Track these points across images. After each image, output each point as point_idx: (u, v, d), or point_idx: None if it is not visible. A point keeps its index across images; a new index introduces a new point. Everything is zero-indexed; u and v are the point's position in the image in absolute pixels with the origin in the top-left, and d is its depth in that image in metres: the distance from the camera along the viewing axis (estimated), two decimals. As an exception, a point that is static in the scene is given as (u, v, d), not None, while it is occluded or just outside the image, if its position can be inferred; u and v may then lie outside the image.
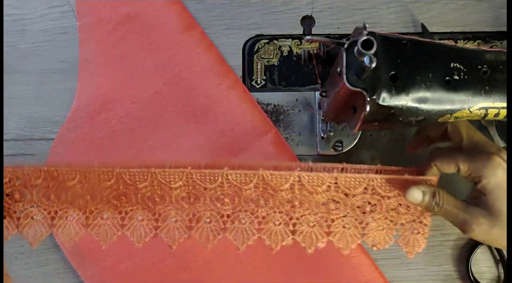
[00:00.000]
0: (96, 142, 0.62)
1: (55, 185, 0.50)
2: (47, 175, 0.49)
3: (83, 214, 0.51)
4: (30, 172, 0.49)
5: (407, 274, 0.60)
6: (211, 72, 0.63)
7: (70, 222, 0.50)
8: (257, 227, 0.50)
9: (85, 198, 0.50)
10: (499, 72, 0.45)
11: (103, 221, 0.50)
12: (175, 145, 0.62)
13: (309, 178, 0.46)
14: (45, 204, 0.51)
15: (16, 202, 0.51)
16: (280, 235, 0.49)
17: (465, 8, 0.65)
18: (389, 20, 0.65)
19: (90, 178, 0.49)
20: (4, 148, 0.63)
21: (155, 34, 0.64)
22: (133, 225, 0.50)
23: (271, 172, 0.46)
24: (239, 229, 0.50)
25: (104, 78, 0.64)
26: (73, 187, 0.49)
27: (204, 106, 0.62)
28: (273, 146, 0.60)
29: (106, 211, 0.50)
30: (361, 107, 0.43)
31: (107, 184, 0.49)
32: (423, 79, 0.44)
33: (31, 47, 0.66)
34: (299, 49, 0.64)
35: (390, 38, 0.44)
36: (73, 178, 0.49)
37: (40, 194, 0.50)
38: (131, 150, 0.62)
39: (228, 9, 0.66)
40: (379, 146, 0.62)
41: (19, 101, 0.64)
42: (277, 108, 0.63)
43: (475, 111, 0.46)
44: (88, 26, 0.65)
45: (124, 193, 0.50)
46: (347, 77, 0.42)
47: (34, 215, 0.51)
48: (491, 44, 0.63)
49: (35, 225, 0.51)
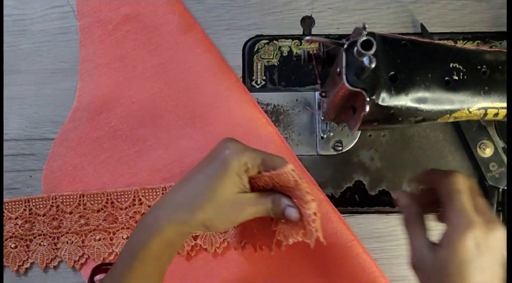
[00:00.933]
0: (96, 142, 0.63)
1: (57, 212, 0.60)
2: (53, 203, 0.60)
3: (80, 237, 0.60)
4: (37, 202, 0.60)
5: (407, 273, 0.60)
6: (211, 72, 0.63)
7: (70, 245, 0.60)
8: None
9: (80, 223, 0.60)
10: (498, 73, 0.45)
11: (96, 242, 0.60)
12: (175, 145, 0.62)
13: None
14: (50, 232, 0.60)
15: (26, 231, 0.60)
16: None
17: (464, 9, 0.65)
18: (388, 21, 0.65)
19: (84, 201, 0.60)
20: (5, 148, 0.63)
21: (156, 34, 0.64)
22: (120, 243, 0.60)
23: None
24: (208, 235, 0.59)
25: (104, 78, 0.64)
26: (71, 213, 0.60)
27: (204, 106, 0.62)
28: (273, 146, 0.60)
29: (98, 234, 0.60)
30: (361, 107, 0.43)
31: (99, 206, 0.60)
32: (423, 80, 0.44)
33: (32, 47, 0.66)
34: (299, 50, 0.65)
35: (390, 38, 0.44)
36: (72, 203, 0.60)
37: (46, 223, 0.60)
38: (131, 150, 0.62)
39: (228, 9, 0.66)
40: (379, 146, 0.62)
41: (19, 101, 0.64)
42: (277, 108, 0.63)
43: (474, 111, 0.46)
44: (88, 27, 0.65)
45: (112, 214, 0.60)
46: (347, 78, 0.42)
47: (41, 242, 0.60)
48: (490, 44, 0.63)
49: (42, 250, 0.60)
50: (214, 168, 0.44)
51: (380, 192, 0.61)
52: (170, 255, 0.46)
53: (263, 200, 0.45)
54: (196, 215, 0.43)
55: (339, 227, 0.58)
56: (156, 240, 0.44)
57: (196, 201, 0.44)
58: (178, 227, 0.44)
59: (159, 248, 0.44)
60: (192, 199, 0.44)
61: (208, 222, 0.44)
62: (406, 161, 0.62)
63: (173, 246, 0.45)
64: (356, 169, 0.62)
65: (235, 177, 0.44)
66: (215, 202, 0.43)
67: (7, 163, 0.63)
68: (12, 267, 0.60)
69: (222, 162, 0.44)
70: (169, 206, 0.45)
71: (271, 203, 0.45)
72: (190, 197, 0.44)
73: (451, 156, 0.62)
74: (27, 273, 0.61)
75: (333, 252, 0.58)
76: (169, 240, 0.44)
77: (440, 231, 0.42)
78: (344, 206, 0.61)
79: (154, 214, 0.45)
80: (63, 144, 0.63)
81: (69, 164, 0.62)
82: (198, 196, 0.44)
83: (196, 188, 0.44)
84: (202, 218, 0.44)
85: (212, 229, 0.45)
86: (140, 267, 0.44)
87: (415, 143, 0.62)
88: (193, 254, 0.59)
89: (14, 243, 0.60)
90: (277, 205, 0.45)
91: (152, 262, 0.45)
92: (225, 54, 0.65)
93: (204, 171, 0.45)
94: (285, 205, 0.45)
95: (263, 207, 0.45)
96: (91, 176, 0.62)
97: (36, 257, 0.60)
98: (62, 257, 0.60)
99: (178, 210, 0.44)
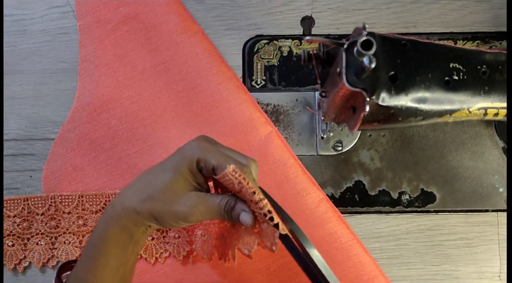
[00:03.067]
0: (96, 142, 0.63)
1: (56, 212, 0.60)
2: (51, 202, 0.60)
3: (77, 238, 0.60)
4: (36, 201, 0.60)
5: (407, 273, 0.60)
6: (211, 72, 0.63)
7: (67, 245, 0.60)
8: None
9: (78, 224, 0.60)
10: (498, 73, 0.45)
11: None
12: (175, 144, 0.62)
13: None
14: (47, 231, 0.60)
15: (24, 230, 0.60)
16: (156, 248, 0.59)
17: (464, 9, 0.65)
18: (388, 21, 0.65)
19: (83, 202, 0.60)
20: (5, 148, 0.63)
21: (155, 34, 0.64)
22: None
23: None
24: (202, 240, 0.57)
25: (104, 78, 0.64)
26: (70, 213, 0.60)
27: (204, 106, 0.62)
28: (273, 146, 0.60)
29: None
30: (361, 107, 0.43)
31: (98, 208, 0.60)
32: (423, 80, 0.44)
33: (32, 48, 0.66)
34: (299, 50, 0.65)
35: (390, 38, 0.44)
36: (70, 204, 0.60)
37: (44, 223, 0.60)
38: (131, 150, 0.62)
39: (228, 9, 0.66)
40: (379, 146, 0.62)
41: (19, 101, 0.64)
42: (277, 109, 0.63)
43: (474, 111, 0.46)
44: (88, 27, 0.65)
45: None
46: (347, 78, 0.42)
47: (38, 241, 0.60)
48: (490, 44, 0.64)
49: (39, 250, 0.60)
50: (171, 162, 0.45)
51: (380, 192, 0.61)
52: (133, 247, 0.46)
53: (215, 201, 0.44)
54: (145, 203, 0.44)
55: (339, 226, 0.58)
56: (112, 227, 0.44)
57: (147, 191, 0.44)
58: (132, 215, 0.44)
59: (118, 236, 0.45)
60: (144, 188, 0.45)
61: (157, 214, 0.44)
62: (406, 161, 0.62)
63: (133, 237, 0.45)
64: (356, 169, 0.62)
65: (188, 174, 0.44)
66: (164, 194, 0.44)
67: (7, 163, 0.63)
68: (9, 265, 0.60)
69: (178, 157, 0.45)
70: (126, 194, 0.46)
71: (223, 205, 0.44)
72: (143, 186, 0.45)
73: (451, 156, 0.62)
74: (25, 272, 0.61)
75: (333, 251, 0.58)
76: (126, 228, 0.45)
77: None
78: (344, 206, 0.61)
79: (112, 203, 0.46)
80: (63, 144, 0.63)
81: (69, 164, 0.62)
82: (150, 186, 0.44)
83: (151, 179, 0.45)
84: (151, 208, 0.44)
85: (163, 223, 0.45)
86: (101, 257, 0.45)
87: (415, 143, 0.62)
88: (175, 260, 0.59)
89: (12, 241, 0.60)
90: (230, 208, 0.44)
91: (113, 251, 0.45)
92: (225, 54, 0.65)
93: (163, 163, 0.46)
94: (240, 209, 0.44)
95: (215, 209, 0.44)
96: (91, 176, 0.62)
97: (32, 256, 0.60)
98: (59, 257, 0.60)
99: (131, 198, 0.45)
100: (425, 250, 0.60)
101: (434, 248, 0.60)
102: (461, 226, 0.61)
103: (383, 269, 0.59)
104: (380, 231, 0.61)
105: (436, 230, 0.61)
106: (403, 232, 0.61)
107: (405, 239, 0.61)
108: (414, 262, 0.60)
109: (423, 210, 0.61)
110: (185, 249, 0.59)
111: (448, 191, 0.61)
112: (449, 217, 0.61)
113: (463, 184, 0.61)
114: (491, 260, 0.60)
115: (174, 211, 0.44)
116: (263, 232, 0.45)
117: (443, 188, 0.61)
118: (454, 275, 0.60)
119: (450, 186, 0.61)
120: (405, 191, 0.61)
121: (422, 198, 0.61)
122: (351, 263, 0.58)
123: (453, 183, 0.61)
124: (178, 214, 0.44)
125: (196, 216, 0.45)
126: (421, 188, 0.61)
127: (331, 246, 0.58)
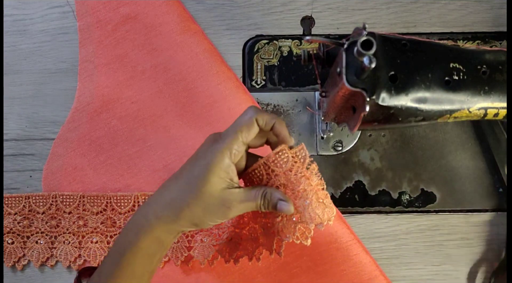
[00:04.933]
0: (96, 142, 0.63)
1: (56, 211, 0.60)
2: (52, 201, 0.60)
3: (76, 238, 0.60)
4: (37, 199, 0.60)
5: (407, 273, 0.60)
6: (211, 72, 0.63)
7: (66, 245, 0.60)
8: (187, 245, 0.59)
9: (78, 224, 0.60)
10: (498, 73, 0.45)
11: (92, 244, 0.60)
12: (175, 145, 0.62)
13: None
14: (47, 230, 0.60)
15: (25, 228, 0.60)
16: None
17: (464, 9, 0.65)
18: (388, 21, 0.65)
19: (84, 203, 0.60)
20: (4, 147, 0.63)
21: (155, 34, 0.64)
22: None
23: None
24: (201, 246, 0.57)
25: (104, 78, 0.64)
26: (70, 213, 0.60)
27: (204, 106, 0.62)
28: (273, 146, 0.60)
29: (95, 236, 0.60)
30: (361, 107, 0.43)
31: (98, 209, 0.60)
32: (423, 80, 0.44)
33: (32, 48, 0.66)
34: (299, 50, 0.65)
35: (390, 38, 0.44)
36: (72, 204, 0.60)
37: (44, 222, 0.60)
38: (131, 150, 0.62)
39: (228, 9, 0.66)
40: (379, 146, 0.62)
41: (19, 101, 0.64)
42: (277, 108, 0.63)
43: (474, 111, 0.46)
44: (88, 27, 0.65)
45: (110, 218, 0.60)
46: (347, 78, 0.42)
47: (38, 240, 0.60)
48: (490, 44, 0.64)
49: (38, 248, 0.60)
50: (200, 166, 0.44)
51: (380, 192, 0.61)
52: (160, 254, 0.46)
53: (252, 194, 0.45)
54: (184, 213, 0.44)
55: (339, 226, 0.58)
56: (145, 238, 0.44)
57: (183, 200, 0.44)
58: (167, 225, 0.44)
59: (149, 246, 0.44)
60: (179, 197, 0.44)
61: (196, 220, 0.44)
62: (406, 161, 0.62)
63: (163, 244, 0.45)
64: (356, 169, 0.62)
65: (221, 173, 0.44)
66: (202, 200, 0.43)
67: (7, 163, 0.63)
68: (8, 263, 0.60)
69: (208, 160, 0.44)
70: (158, 204, 0.45)
71: (260, 198, 0.45)
72: (177, 195, 0.44)
73: (451, 156, 0.62)
74: (24, 270, 0.61)
75: (333, 251, 0.58)
76: (159, 238, 0.44)
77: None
78: (344, 206, 0.61)
79: (143, 212, 0.45)
80: (63, 144, 0.63)
81: (69, 164, 0.62)
82: (185, 195, 0.44)
83: (183, 186, 0.44)
84: (189, 216, 0.44)
85: (202, 226, 0.45)
86: (129, 266, 0.44)
87: (415, 143, 0.62)
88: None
89: (11, 239, 0.60)
90: (267, 199, 0.45)
91: (142, 260, 0.45)
92: (225, 54, 0.65)
93: (191, 169, 0.45)
94: (276, 199, 0.45)
95: (252, 202, 0.45)
96: (91, 176, 0.62)
97: (31, 255, 0.60)
98: (58, 256, 0.60)
99: (166, 208, 0.44)
100: (425, 250, 0.60)
101: (434, 248, 0.60)
102: (461, 226, 0.61)
103: (383, 269, 0.59)
104: (380, 231, 0.61)
105: (436, 230, 0.61)
106: (403, 232, 0.61)
107: (405, 239, 0.61)
108: (414, 262, 0.60)
109: (423, 210, 0.61)
110: (183, 254, 0.58)
111: (448, 191, 0.61)
112: (449, 217, 0.61)
113: (463, 184, 0.61)
114: (491, 260, 0.60)
115: (214, 213, 0.44)
116: (303, 216, 0.46)
117: (443, 188, 0.61)
118: (454, 275, 0.60)
119: (450, 186, 0.61)
120: (405, 191, 0.61)
121: (422, 198, 0.61)
122: (351, 263, 0.58)
123: (453, 183, 0.61)
124: (218, 215, 0.44)
125: (235, 212, 0.45)
126: (421, 188, 0.61)
127: (331, 246, 0.58)
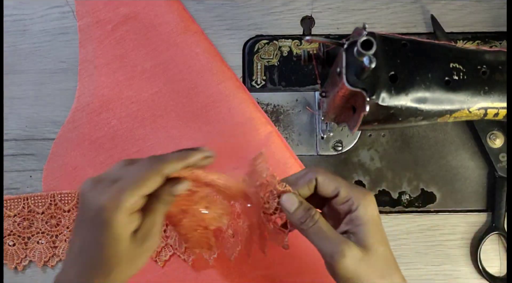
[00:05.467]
0: (96, 142, 0.62)
1: (56, 210, 0.61)
2: (51, 201, 0.60)
3: None
4: (36, 199, 0.61)
5: (407, 273, 0.60)
6: (211, 72, 0.63)
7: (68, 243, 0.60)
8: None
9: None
10: (498, 73, 0.45)
11: None
12: (175, 145, 0.62)
13: None
14: (48, 230, 0.60)
15: (25, 229, 0.60)
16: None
17: (464, 9, 0.65)
18: (388, 21, 0.65)
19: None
20: (5, 147, 0.63)
21: (155, 34, 0.64)
22: None
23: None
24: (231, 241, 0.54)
25: (104, 78, 0.64)
26: (69, 211, 0.60)
27: (204, 106, 0.62)
28: (273, 146, 0.60)
29: None
30: (361, 107, 0.43)
31: None
32: (423, 80, 0.44)
33: (32, 48, 0.66)
34: (299, 50, 0.65)
35: (390, 38, 0.44)
36: (70, 201, 0.60)
37: (44, 221, 0.60)
38: (131, 150, 0.62)
39: (228, 9, 0.66)
40: (379, 146, 0.62)
41: (19, 101, 0.64)
42: (277, 108, 0.63)
43: (474, 111, 0.46)
44: (87, 27, 0.65)
45: None
46: (347, 78, 0.42)
47: (39, 240, 0.60)
48: (490, 44, 0.64)
49: (40, 248, 0.60)
50: (95, 234, 0.40)
51: (380, 192, 0.61)
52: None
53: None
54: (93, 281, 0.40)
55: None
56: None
57: (89, 270, 0.40)
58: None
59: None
60: (84, 269, 0.40)
61: (125, 278, 0.41)
62: (406, 161, 0.62)
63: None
64: (356, 169, 0.62)
65: (124, 224, 0.40)
66: (118, 265, 0.40)
67: (7, 163, 0.63)
68: (10, 265, 0.60)
69: (101, 225, 0.39)
70: (67, 273, 0.41)
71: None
72: (83, 268, 0.40)
73: (451, 156, 0.62)
74: (25, 270, 0.61)
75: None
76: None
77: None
78: (344, 206, 0.61)
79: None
80: (63, 144, 0.63)
81: (69, 164, 0.62)
82: (98, 273, 0.40)
83: (89, 265, 0.40)
84: (119, 280, 0.41)
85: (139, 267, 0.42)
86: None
87: (415, 143, 0.62)
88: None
89: (13, 241, 0.60)
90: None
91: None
92: (225, 54, 0.65)
93: (87, 240, 0.40)
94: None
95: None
96: (91, 176, 0.61)
97: (34, 255, 0.60)
98: (61, 255, 0.60)
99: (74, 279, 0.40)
100: (425, 250, 0.60)
101: (434, 248, 0.60)
102: (461, 226, 0.61)
103: (383, 269, 0.59)
104: (380, 231, 0.61)
105: (436, 230, 0.61)
106: (403, 232, 0.61)
107: (405, 239, 0.61)
108: (414, 262, 0.60)
109: (423, 210, 0.61)
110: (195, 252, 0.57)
111: (448, 191, 0.61)
112: (449, 217, 0.61)
113: (463, 184, 0.61)
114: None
115: (140, 256, 0.42)
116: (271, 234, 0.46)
117: (443, 188, 0.61)
118: (454, 275, 0.60)
119: (450, 186, 0.61)
120: (405, 191, 0.61)
121: (422, 198, 0.61)
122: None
123: (453, 183, 0.61)
124: (146, 253, 0.43)
125: (158, 229, 0.43)
126: (421, 188, 0.61)
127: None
